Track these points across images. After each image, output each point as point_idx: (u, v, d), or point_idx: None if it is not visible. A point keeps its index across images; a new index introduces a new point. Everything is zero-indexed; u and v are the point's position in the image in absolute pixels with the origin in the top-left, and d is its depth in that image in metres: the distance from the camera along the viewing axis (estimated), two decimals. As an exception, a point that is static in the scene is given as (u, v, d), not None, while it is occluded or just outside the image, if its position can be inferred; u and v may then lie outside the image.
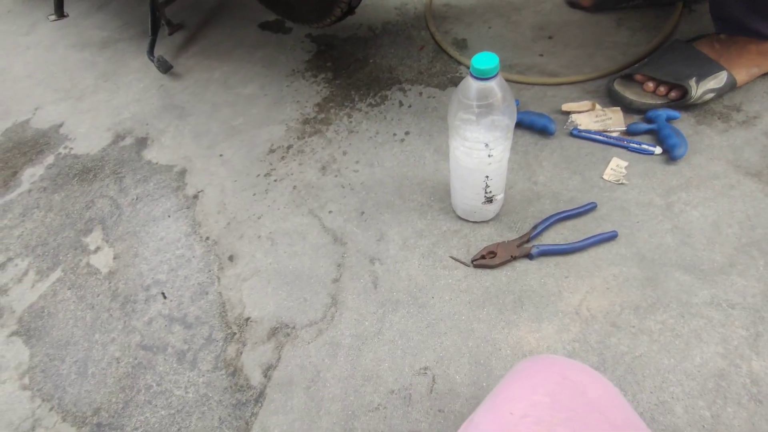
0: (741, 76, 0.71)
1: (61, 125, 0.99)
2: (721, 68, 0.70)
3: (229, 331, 0.63)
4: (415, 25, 1.01)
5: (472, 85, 0.47)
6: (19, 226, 0.82)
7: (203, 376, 0.60)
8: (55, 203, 0.84)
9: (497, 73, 0.47)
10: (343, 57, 0.98)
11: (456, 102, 0.51)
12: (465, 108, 0.50)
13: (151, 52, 1.03)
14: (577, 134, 0.74)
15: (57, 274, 0.74)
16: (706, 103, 0.73)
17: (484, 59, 0.45)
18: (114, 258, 0.74)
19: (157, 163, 0.87)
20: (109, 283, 0.71)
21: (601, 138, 0.73)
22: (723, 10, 0.71)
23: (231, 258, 0.71)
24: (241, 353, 0.61)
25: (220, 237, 0.73)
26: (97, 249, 0.76)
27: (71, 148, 0.93)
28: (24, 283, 0.74)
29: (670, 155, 0.68)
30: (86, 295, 0.71)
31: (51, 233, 0.80)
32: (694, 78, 0.70)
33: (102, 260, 0.74)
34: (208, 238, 0.74)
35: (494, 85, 0.47)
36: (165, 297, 0.68)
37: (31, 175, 0.90)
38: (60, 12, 1.15)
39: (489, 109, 0.49)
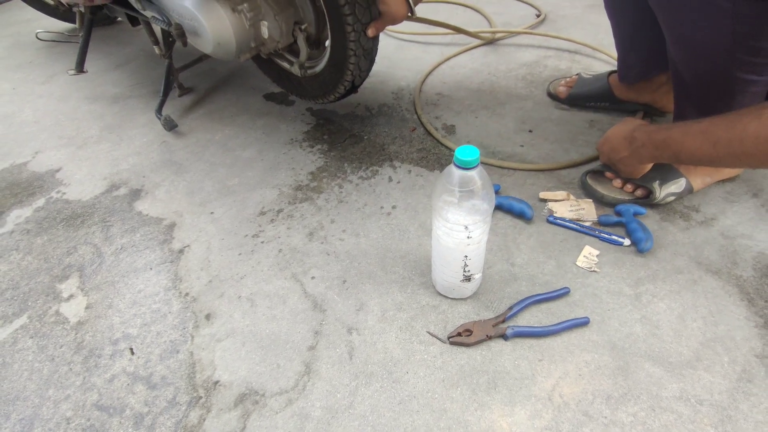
0: (696, 183, 0.79)
1: (58, 170, 1.01)
2: (680, 175, 0.78)
3: (194, 395, 0.61)
4: (408, 109, 1.10)
5: (455, 173, 0.52)
6: (-6, 267, 0.80)
7: (159, 443, 0.57)
8: (35, 246, 0.83)
9: (478, 164, 0.52)
10: (340, 131, 1.05)
11: (440, 186, 0.55)
12: (448, 192, 0.54)
13: (159, 110, 1.09)
14: (552, 221, 0.79)
15: (22, 320, 0.72)
16: (669, 203, 0.80)
17: (467, 151, 0.50)
18: (86, 308, 0.73)
19: (147, 215, 0.88)
20: (76, 334, 0.69)
21: (574, 226, 0.78)
22: (684, 120, 0.80)
23: (208, 317, 0.70)
24: (204, 420, 0.58)
25: (200, 294, 0.73)
26: (70, 297, 0.74)
27: (64, 193, 0.95)
28: (-15, 327, 0.71)
29: (636, 248, 0.73)
30: (48, 346, 0.68)
31: (24, 277, 0.78)
32: (657, 181, 0.77)
33: (73, 309, 0.73)
34: (187, 294, 0.73)
35: (475, 175, 0.52)
36: (133, 353, 0.66)
37: (17, 216, 0.90)
38: (80, 68, 1.23)
39: (470, 194, 0.53)
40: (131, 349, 0.66)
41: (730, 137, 0.59)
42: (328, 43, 0.90)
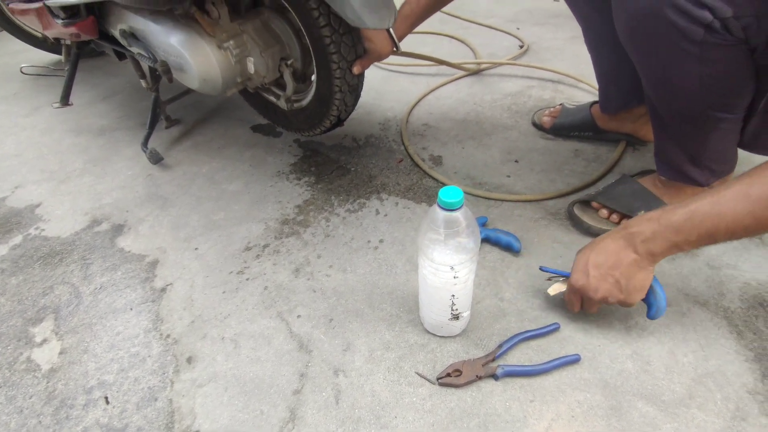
0: None
1: (38, 205, 0.99)
2: (663, 202, 0.78)
3: (172, 447, 0.58)
4: (395, 140, 1.11)
5: (439, 214, 0.52)
6: (-35, 309, 0.77)
7: (133, 503, 0.53)
8: (9, 287, 0.80)
9: (462, 205, 0.51)
10: (327, 163, 1.05)
11: (425, 225, 0.55)
12: (433, 231, 0.54)
13: (145, 143, 1.08)
14: (545, 269, 0.72)
15: (-7, 367, 0.68)
16: (654, 232, 0.81)
17: (451, 193, 0.50)
18: (60, 353, 0.70)
19: (129, 252, 0.86)
20: (48, 382, 0.66)
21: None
22: (664, 153, 0.81)
23: (189, 360, 0.67)
24: (182, 475, 0.55)
25: (181, 336, 0.71)
26: (44, 342, 0.71)
27: (43, 230, 0.92)
28: (-48, 376, 0.68)
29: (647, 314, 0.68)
30: (17, 396, 0.65)
31: (-2, 320, 0.75)
32: (642, 211, 0.78)
33: (45, 355, 0.69)
34: (168, 336, 0.71)
35: (459, 215, 0.52)
36: (108, 402, 0.63)
37: (-7, 255, 0.88)
38: (65, 100, 1.22)
39: (455, 234, 0.53)
40: (106, 398, 0.63)
41: None
42: (314, 77, 0.91)
